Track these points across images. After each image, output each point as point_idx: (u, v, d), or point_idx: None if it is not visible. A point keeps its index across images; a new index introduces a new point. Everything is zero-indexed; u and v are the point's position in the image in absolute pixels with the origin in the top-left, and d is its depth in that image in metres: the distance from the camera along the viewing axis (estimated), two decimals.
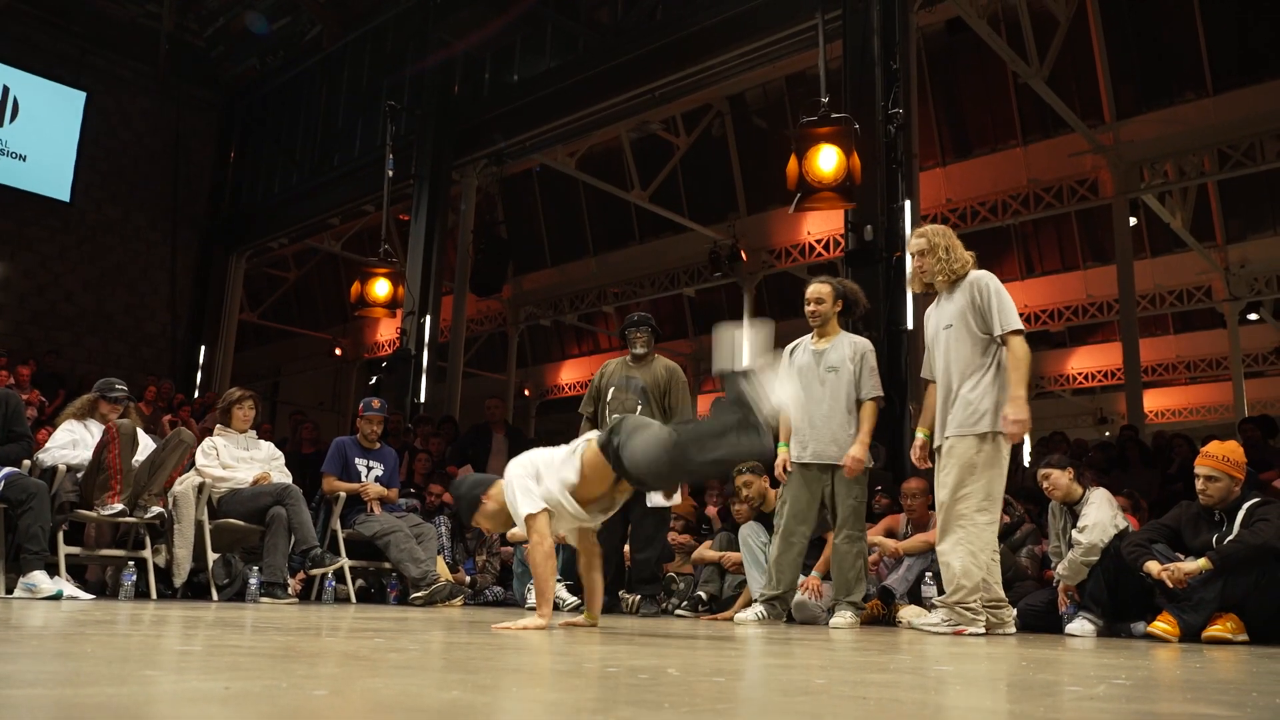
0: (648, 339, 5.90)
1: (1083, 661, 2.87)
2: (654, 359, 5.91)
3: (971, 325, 4.19)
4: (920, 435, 4.48)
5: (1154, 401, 17.15)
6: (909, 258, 4.43)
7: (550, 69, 11.17)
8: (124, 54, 14.44)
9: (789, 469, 4.93)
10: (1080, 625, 4.67)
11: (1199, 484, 4.37)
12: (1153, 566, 4.30)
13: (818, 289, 4.98)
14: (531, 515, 3.39)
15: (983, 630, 4.07)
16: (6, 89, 13.09)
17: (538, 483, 3.45)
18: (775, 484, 5.46)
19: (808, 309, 4.99)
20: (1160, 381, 17.33)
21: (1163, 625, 4.17)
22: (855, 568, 4.82)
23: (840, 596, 4.82)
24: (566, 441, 3.69)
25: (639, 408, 5.67)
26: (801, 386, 4.95)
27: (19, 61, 13.19)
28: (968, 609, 4.08)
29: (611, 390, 5.82)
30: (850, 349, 4.89)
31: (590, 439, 3.48)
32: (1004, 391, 4.09)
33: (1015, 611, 4.41)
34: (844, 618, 4.74)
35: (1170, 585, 4.19)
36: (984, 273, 4.27)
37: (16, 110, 13.15)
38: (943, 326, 4.30)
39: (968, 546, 4.07)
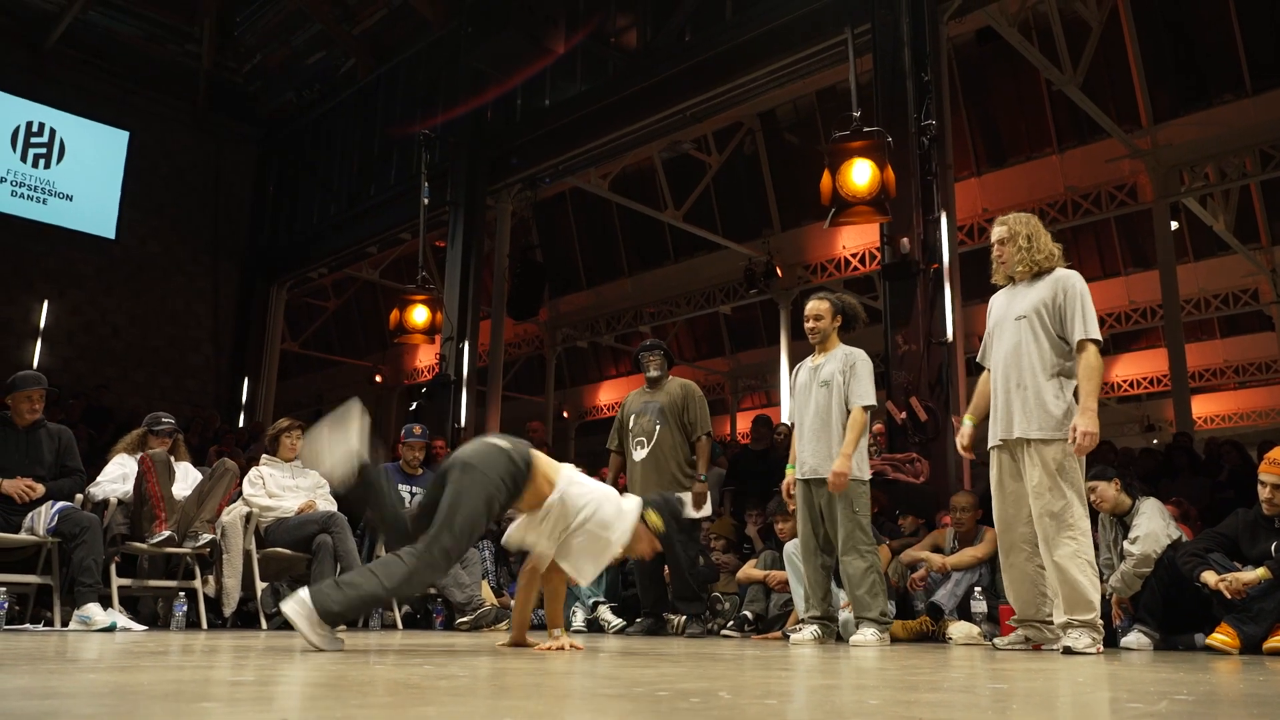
0: (660, 362, 6.03)
1: (1141, 677, 2.81)
2: (669, 380, 5.98)
3: (1048, 322, 4.02)
4: (967, 423, 4.30)
5: (1202, 407, 16.81)
6: (994, 248, 4.24)
7: (581, 92, 11.25)
8: (164, 92, 14.77)
9: (792, 492, 4.97)
10: (1136, 639, 4.57)
11: (1264, 492, 4.24)
12: (1209, 577, 4.20)
13: (815, 305, 4.97)
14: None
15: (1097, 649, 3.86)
16: (53, 131, 13.43)
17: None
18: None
19: (806, 326, 4.98)
20: (1208, 387, 17.01)
21: (1222, 637, 4.07)
22: (866, 584, 4.71)
23: (859, 614, 4.74)
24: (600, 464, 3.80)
25: (658, 428, 5.75)
26: (801, 404, 4.96)
27: (65, 104, 13.53)
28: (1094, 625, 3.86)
29: (633, 417, 5.95)
30: (842, 361, 4.86)
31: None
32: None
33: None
34: (863, 636, 4.65)
35: (1228, 596, 4.09)
36: (1073, 272, 4.09)
37: (63, 152, 13.48)
38: (1015, 316, 4.10)
39: (1086, 558, 3.85)
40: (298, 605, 3.14)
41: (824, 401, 4.83)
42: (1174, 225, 12.09)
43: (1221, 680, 2.69)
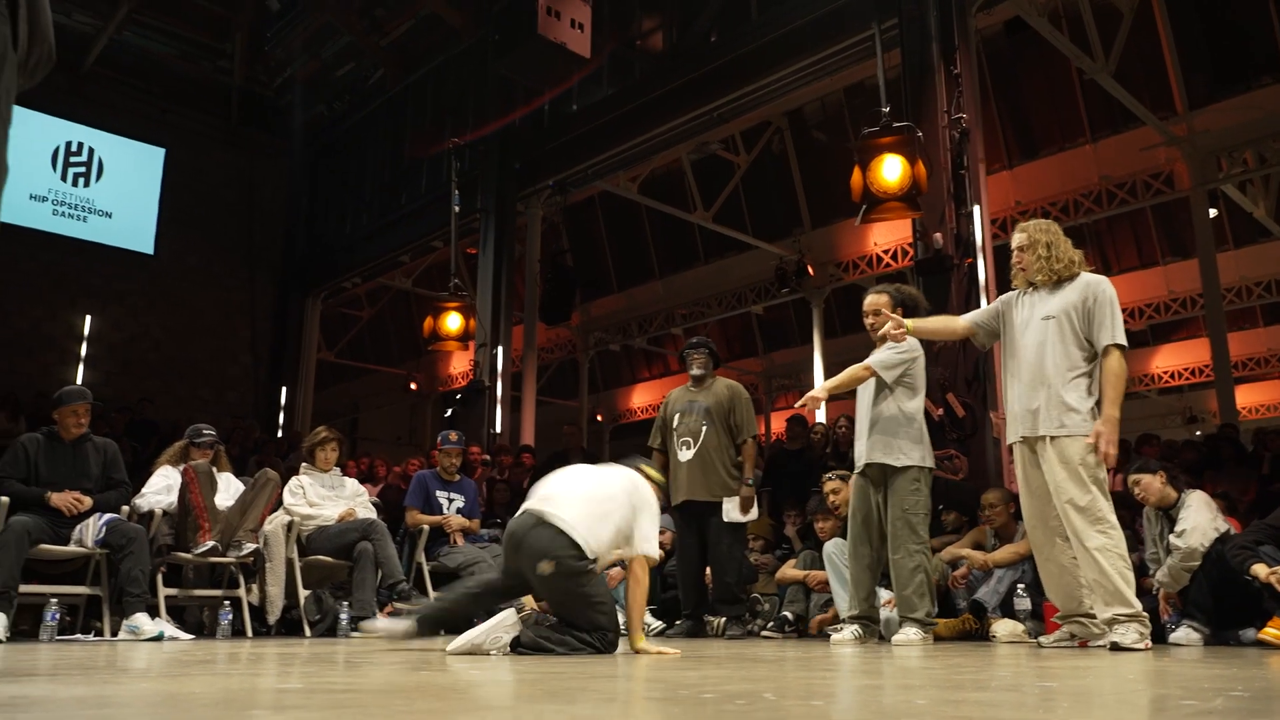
0: (705, 360, 5.91)
1: (1192, 673, 2.77)
2: (714, 380, 5.92)
3: (1076, 325, 4.01)
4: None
5: (1246, 397, 16.49)
6: (1014, 255, 4.27)
7: (608, 96, 11.27)
8: (198, 109, 15.00)
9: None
10: (1185, 634, 4.50)
11: None
12: (1260, 569, 4.13)
13: (874, 300, 4.90)
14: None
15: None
16: (92, 150, 13.69)
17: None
18: None
19: (866, 321, 4.92)
20: (1251, 376, 16.68)
21: (1274, 631, 4.00)
22: (914, 583, 4.63)
23: (904, 613, 4.68)
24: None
25: (704, 428, 5.70)
26: (859, 398, 4.93)
27: (102, 123, 13.80)
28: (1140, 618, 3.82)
29: (677, 416, 5.86)
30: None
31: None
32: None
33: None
34: (905, 635, 4.59)
35: None
36: (1103, 279, 4.10)
37: (102, 170, 13.74)
38: (1041, 316, 4.09)
39: (1118, 551, 3.82)
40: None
41: (873, 393, 4.80)
42: (1213, 213, 11.88)
43: (1277, 676, 2.64)
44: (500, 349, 11.35)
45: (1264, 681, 2.43)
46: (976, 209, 7.38)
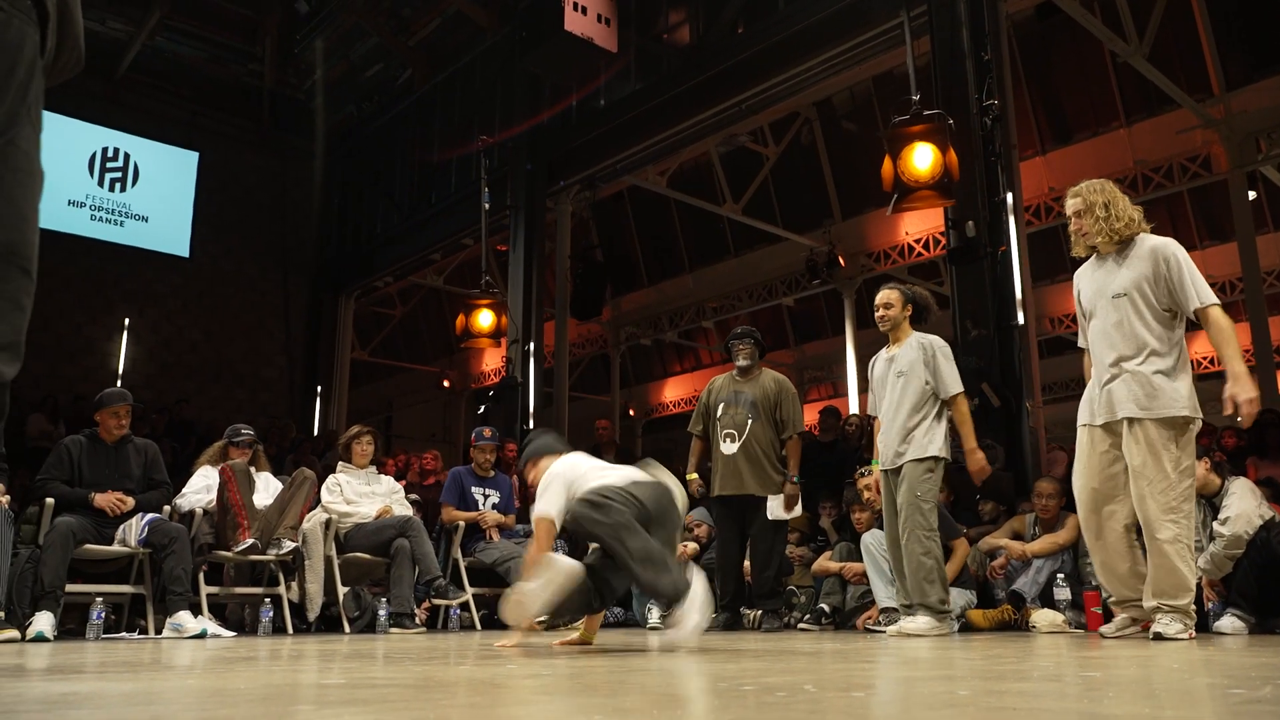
0: (751, 351, 5.83)
1: (1240, 661, 2.73)
2: (761, 372, 5.85)
3: (1150, 298, 3.81)
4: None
5: None
6: (1071, 222, 4.03)
7: (635, 91, 11.26)
8: (230, 112, 15.18)
9: (877, 485, 4.97)
10: (1230, 622, 4.43)
11: None
12: None
13: (886, 294, 4.92)
14: (539, 518, 3.54)
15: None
16: (128, 156, 13.89)
17: (566, 490, 3.57)
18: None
19: (876, 315, 4.93)
20: None
21: None
22: (923, 568, 4.56)
23: (915, 600, 4.61)
24: (669, 460, 3.79)
25: (749, 421, 5.65)
26: (878, 396, 4.93)
27: (137, 129, 14.01)
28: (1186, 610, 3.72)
29: (721, 406, 5.79)
30: (919, 350, 4.77)
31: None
32: (1190, 375, 3.78)
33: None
34: (915, 623, 4.52)
35: None
36: (1169, 240, 3.87)
37: (137, 175, 13.95)
38: (1113, 294, 3.89)
39: (1187, 543, 3.68)
40: None
41: (902, 391, 4.76)
42: (1251, 195, 11.66)
43: None
44: (532, 345, 11.39)
45: None
46: (1009, 196, 7.30)
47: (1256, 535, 4.41)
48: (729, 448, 5.70)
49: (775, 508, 5.57)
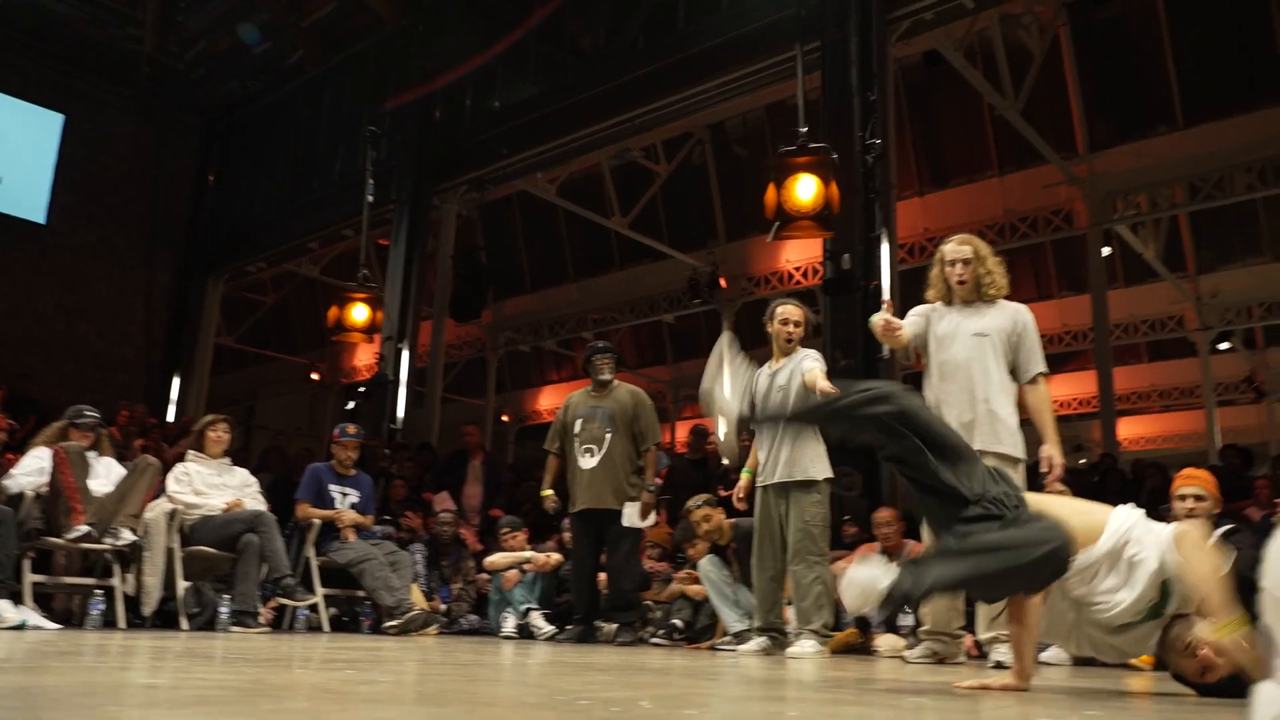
0: (613, 366, 5.93)
1: (1059, 690, 2.87)
2: (617, 386, 5.91)
3: (1003, 348, 4.04)
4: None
5: (1128, 429, 17.26)
6: (955, 267, 4.09)
7: (532, 96, 11.22)
8: (105, 77, 14.37)
9: (742, 495, 4.99)
10: (1055, 654, 4.66)
11: (1184, 505, 4.31)
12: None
13: (797, 311, 4.96)
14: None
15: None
16: None
17: None
18: (732, 513, 5.48)
19: (784, 329, 4.91)
20: (1134, 410, 17.46)
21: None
22: (812, 594, 4.69)
23: (801, 625, 4.73)
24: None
25: (608, 435, 5.68)
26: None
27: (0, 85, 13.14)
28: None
29: (579, 421, 5.82)
30: (799, 364, 4.82)
31: None
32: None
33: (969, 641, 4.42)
34: (802, 647, 4.64)
35: None
36: (1024, 307, 4.15)
37: None
38: (972, 332, 4.07)
39: None
40: None
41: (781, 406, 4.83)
42: (1106, 251, 12.39)
43: (1145, 687, 2.75)
44: (407, 343, 11.18)
45: (1125, 696, 2.53)
46: (885, 233, 7.55)
47: None
48: (588, 462, 5.72)
49: (631, 516, 5.60)
